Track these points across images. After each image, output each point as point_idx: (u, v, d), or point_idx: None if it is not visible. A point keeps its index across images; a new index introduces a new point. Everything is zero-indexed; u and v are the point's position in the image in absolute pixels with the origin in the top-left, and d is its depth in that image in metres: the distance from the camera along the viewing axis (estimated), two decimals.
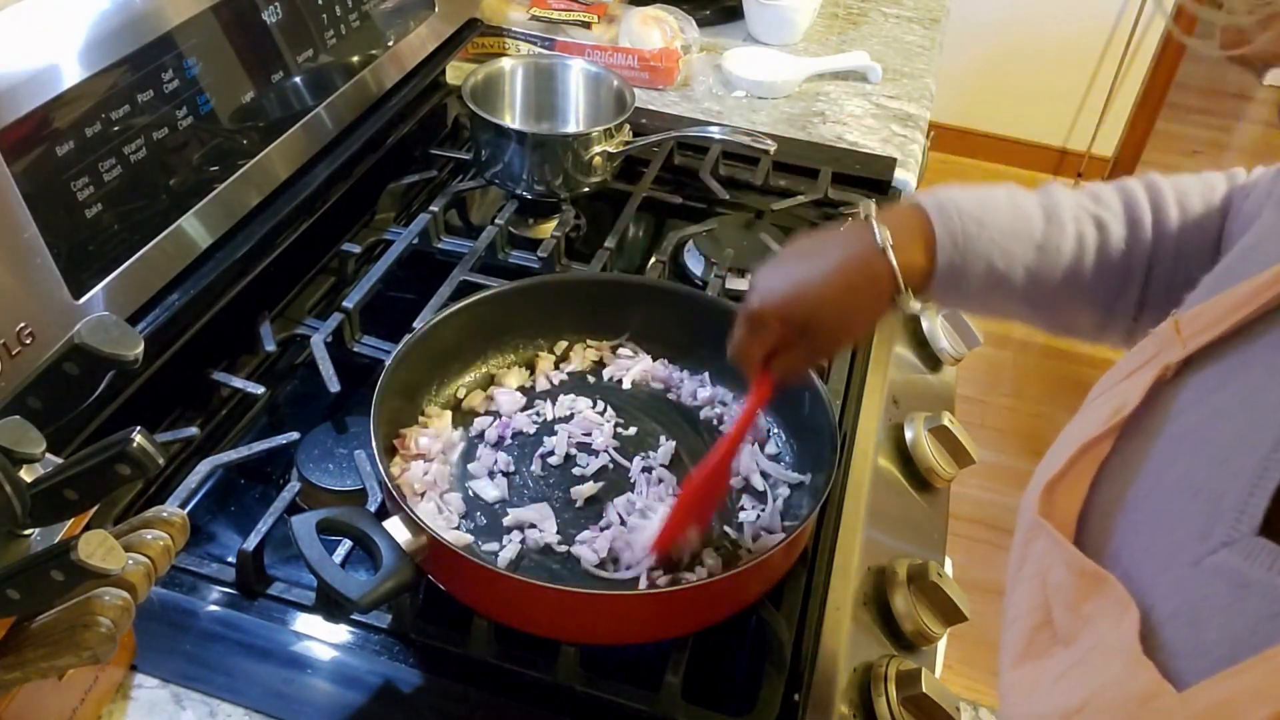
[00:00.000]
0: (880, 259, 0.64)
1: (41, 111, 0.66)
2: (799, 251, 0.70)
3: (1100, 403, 0.50)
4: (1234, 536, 0.40)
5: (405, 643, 0.71)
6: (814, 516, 0.71)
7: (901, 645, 0.78)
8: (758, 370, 0.71)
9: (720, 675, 0.73)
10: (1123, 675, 0.40)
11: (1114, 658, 0.41)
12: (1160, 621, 0.41)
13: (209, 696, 0.68)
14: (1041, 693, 0.45)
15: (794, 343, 0.68)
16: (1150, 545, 0.44)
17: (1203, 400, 0.46)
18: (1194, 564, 0.41)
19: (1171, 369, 0.48)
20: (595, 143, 1.09)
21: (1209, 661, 0.38)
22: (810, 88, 1.45)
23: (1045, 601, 0.47)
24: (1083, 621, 0.44)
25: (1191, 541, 0.41)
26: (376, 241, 1.07)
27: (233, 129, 0.84)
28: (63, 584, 0.47)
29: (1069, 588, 0.45)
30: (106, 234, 0.72)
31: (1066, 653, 0.45)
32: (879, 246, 0.64)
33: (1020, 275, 0.64)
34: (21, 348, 0.64)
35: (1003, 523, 2.22)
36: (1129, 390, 0.49)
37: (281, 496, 0.77)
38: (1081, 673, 0.43)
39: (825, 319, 0.67)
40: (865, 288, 0.65)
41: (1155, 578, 0.42)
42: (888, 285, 0.64)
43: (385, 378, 0.76)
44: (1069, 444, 0.50)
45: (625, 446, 0.83)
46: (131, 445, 0.47)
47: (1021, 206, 0.64)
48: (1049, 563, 0.47)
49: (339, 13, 0.97)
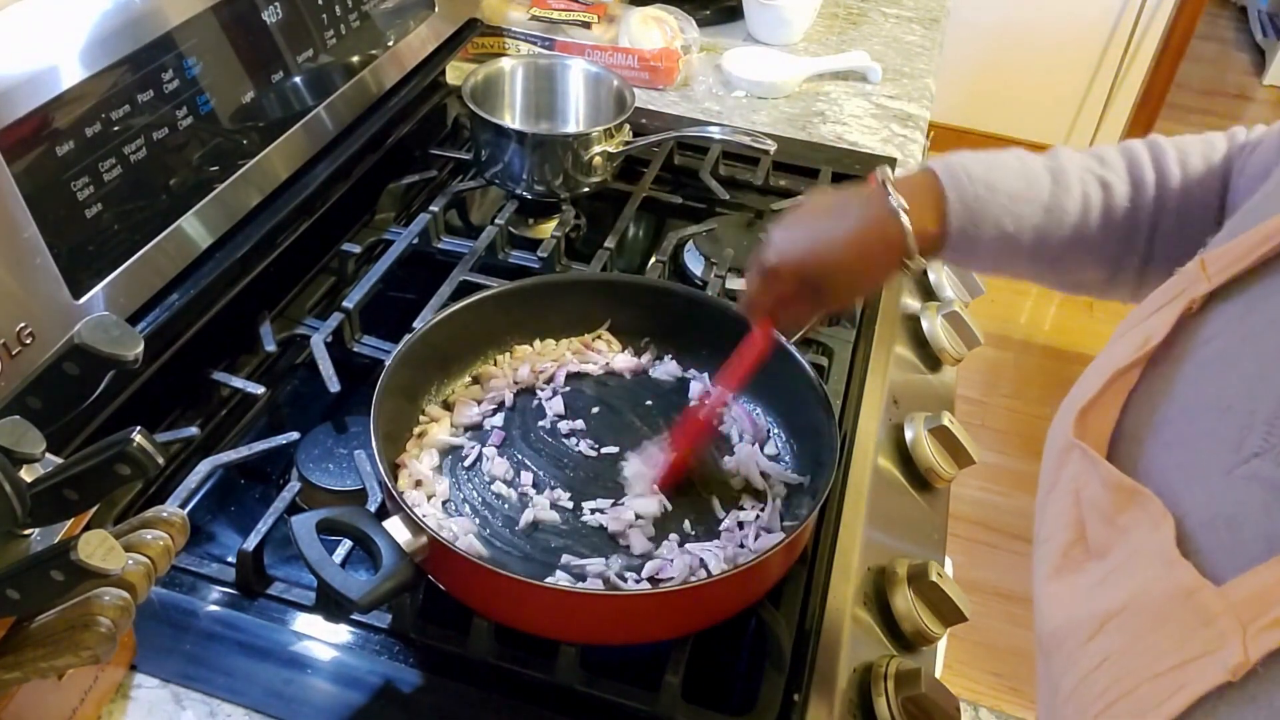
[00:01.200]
0: (894, 222, 0.67)
1: (41, 111, 0.66)
2: (816, 210, 0.73)
3: (1128, 337, 0.53)
4: (1266, 447, 0.42)
5: (405, 643, 0.71)
6: (814, 516, 0.71)
7: (901, 645, 0.78)
8: (764, 320, 0.76)
9: (720, 675, 0.73)
10: (1162, 575, 0.43)
11: (1152, 562, 0.44)
12: (1195, 528, 0.43)
13: (209, 696, 0.68)
14: (1079, 600, 0.47)
15: (803, 296, 0.72)
16: (1181, 460, 0.46)
17: (1230, 327, 0.49)
18: (1226, 474, 0.43)
19: (1198, 303, 0.50)
20: (595, 143, 1.09)
21: (1246, 559, 0.40)
22: (810, 88, 1.45)
23: (1079, 518, 0.49)
24: (1118, 533, 0.46)
25: (1224, 453, 0.44)
26: (376, 241, 1.07)
27: (233, 129, 0.84)
28: (63, 584, 0.47)
29: (1105, 502, 0.48)
30: (106, 234, 0.72)
31: (1101, 564, 0.47)
32: (893, 211, 0.67)
33: (1029, 236, 0.66)
34: (21, 348, 0.64)
35: (1002, 524, 2.22)
36: (1156, 323, 0.51)
37: (281, 496, 0.77)
38: (1119, 578, 0.45)
39: (838, 277, 0.71)
40: (879, 249, 0.68)
41: (1187, 489, 0.45)
42: (900, 247, 0.67)
43: (385, 378, 0.76)
44: (1099, 374, 0.52)
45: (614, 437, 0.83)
46: (131, 445, 0.47)
47: (1030, 170, 0.67)
48: (1084, 481, 0.50)
49: (339, 13, 0.97)
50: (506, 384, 0.87)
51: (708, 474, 0.81)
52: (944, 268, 1.09)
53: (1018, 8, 3.02)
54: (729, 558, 0.74)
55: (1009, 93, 3.20)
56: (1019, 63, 3.11)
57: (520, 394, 0.87)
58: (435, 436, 0.81)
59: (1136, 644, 0.42)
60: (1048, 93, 3.16)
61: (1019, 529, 2.21)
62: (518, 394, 0.87)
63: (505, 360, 0.89)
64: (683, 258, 1.08)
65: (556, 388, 0.88)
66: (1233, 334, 0.48)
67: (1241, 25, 4.32)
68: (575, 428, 0.84)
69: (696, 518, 0.78)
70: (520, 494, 0.78)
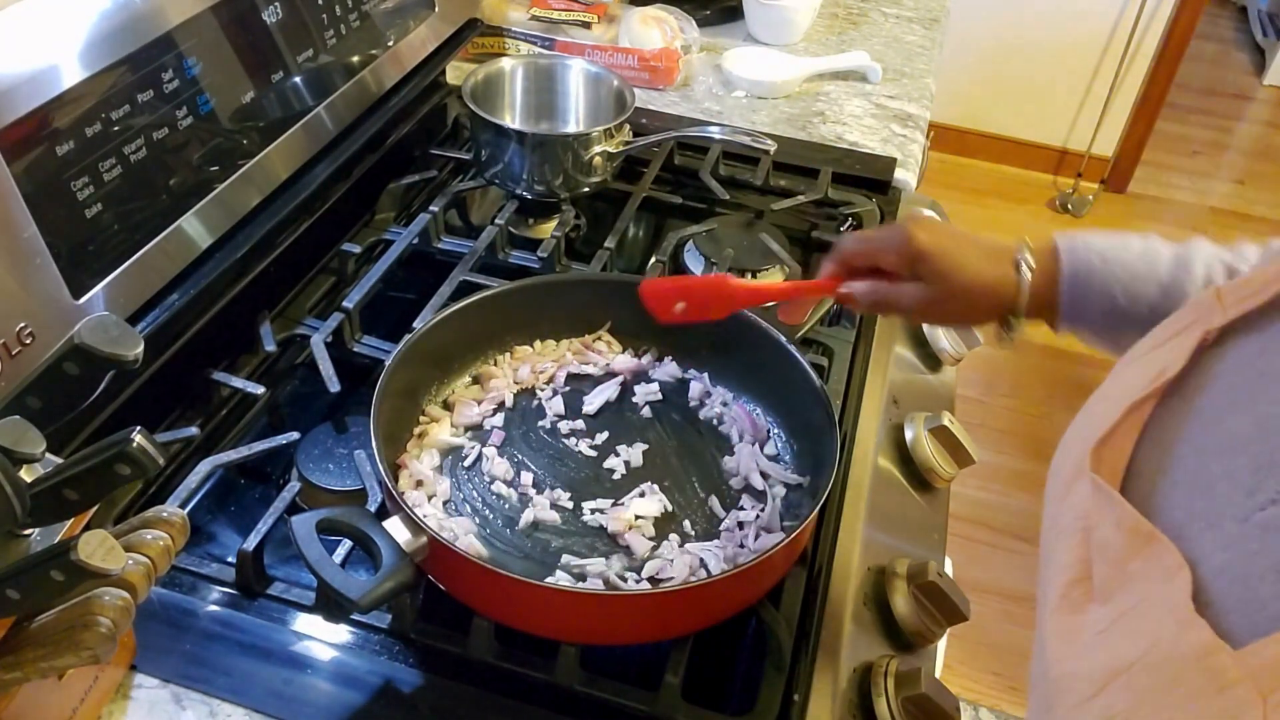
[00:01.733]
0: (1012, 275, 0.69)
1: (41, 111, 0.66)
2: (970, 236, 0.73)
3: (1140, 366, 0.52)
4: None
5: (405, 643, 0.71)
6: (814, 516, 0.71)
7: (901, 645, 0.78)
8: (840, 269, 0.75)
9: (720, 675, 0.73)
10: (1174, 633, 0.40)
11: (1163, 616, 0.41)
12: (1207, 578, 0.41)
13: (209, 696, 0.68)
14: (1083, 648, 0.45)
15: (896, 280, 0.72)
16: (1194, 502, 0.45)
17: (1245, 364, 0.48)
18: (1241, 520, 0.41)
19: (1213, 334, 0.49)
20: (595, 143, 1.09)
21: (1264, 617, 0.38)
22: (810, 88, 1.45)
23: (1085, 557, 0.48)
24: (1126, 578, 0.44)
25: (1238, 498, 0.42)
26: (376, 241, 1.07)
27: (233, 129, 0.84)
28: (63, 584, 0.47)
29: (1116, 544, 0.46)
30: (106, 234, 0.72)
31: (1104, 610, 0.45)
32: (1018, 261, 0.69)
33: (1144, 313, 0.66)
34: (21, 348, 0.64)
35: (1002, 524, 2.22)
36: (1171, 354, 0.50)
37: (281, 496, 0.77)
38: (1125, 630, 0.43)
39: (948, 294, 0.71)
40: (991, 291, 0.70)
41: (1200, 534, 0.43)
42: (1009, 296, 0.69)
43: (385, 378, 0.76)
44: (1113, 404, 0.51)
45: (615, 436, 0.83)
46: (131, 445, 0.47)
47: (1153, 250, 0.68)
48: (1095, 519, 0.48)
49: (339, 13, 0.97)
50: (506, 384, 0.87)
51: (708, 474, 0.81)
52: None
53: (1018, 8, 3.02)
54: (729, 558, 0.74)
55: (1009, 93, 3.20)
56: (1019, 63, 3.11)
57: (520, 394, 0.87)
58: (435, 437, 0.81)
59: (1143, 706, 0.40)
60: (1048, 93, 3.16)
61: (1019, 529, 2.21)
62: (518, 394, 0.87)
63: (505, 360, 0.89)
64: (683, 258, 1.08)
65: (557, 388, 0.88)
66: (1248, 371, 0.47)
67: (1241, 25, 4.32)
68: (575, 428, 0.84)
69: (696, 518, 0.78)
70: (520, 494, 0.78)
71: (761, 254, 1.06)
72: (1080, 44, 3.04)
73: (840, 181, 1.20)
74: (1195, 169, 3.46)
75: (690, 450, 0.84)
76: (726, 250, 1.06)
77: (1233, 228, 3.18)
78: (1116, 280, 0.67)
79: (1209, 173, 3.44)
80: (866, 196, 1.19)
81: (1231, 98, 3.86)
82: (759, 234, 1.09)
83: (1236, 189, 3.37)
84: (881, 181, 1.22)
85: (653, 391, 0.87)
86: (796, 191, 1.18)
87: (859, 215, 1.16)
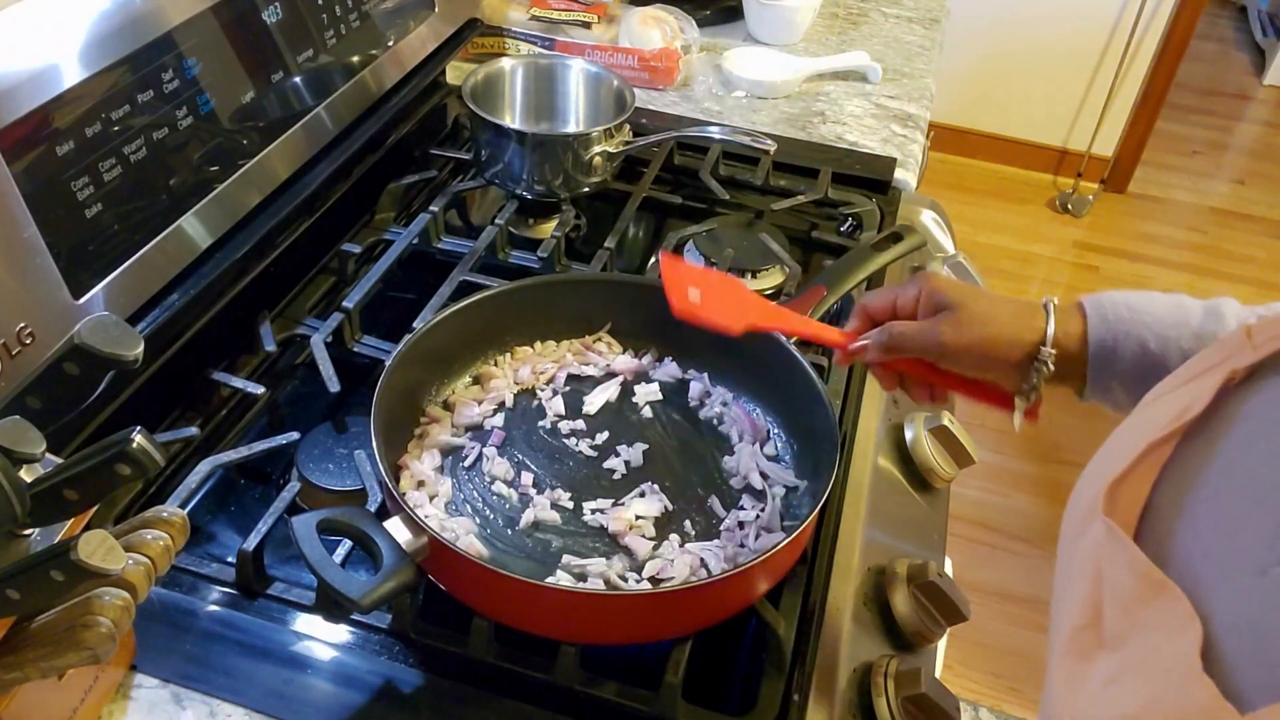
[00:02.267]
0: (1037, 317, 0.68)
1: (41, 111, 0.66)
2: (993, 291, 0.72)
3: (1163, 404, 0.50)
4: None
5: (405, 643, 0.71)
6: (814, 516, 0.71)
7: (901, 645, 0.78)
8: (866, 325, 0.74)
9: (720, 675, 0.73)
10: (1180, 690, 0.39)
11: (1171, 671, 0.40)
12: (1220, 632, 0.39)
13: (209, 696, 0.68)
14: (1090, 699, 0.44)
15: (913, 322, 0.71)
16: (1211, 551, 0.43)
17: (1272, 407, 0.46)
18: (1260, 573, 0.40)
19: (1240, 374, 0.47)
20: (595, 143, 1.09)
21: (1274, 679, 0.37)
22: (810, 88, 1.45)
23: (1097, 601, 0.46)
24: (1135, 626, 0.43)
25: (1257, 549, 0.40)
26: (376, 241, 1.07)
27: (233, 129, 0.84)
28: (63, 584, 0.47)
29: (1128, 589, 0.44)
30: (106, 234, 0.72)
31: (1112, 657, 0.43)
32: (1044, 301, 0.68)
33: (1176, 361, 0.64)
34: (21, 348, 0.64)
35: (1002, 524, 2.22)
36: (1195, 392, 0.48)
37: (281, 496, 0.77)
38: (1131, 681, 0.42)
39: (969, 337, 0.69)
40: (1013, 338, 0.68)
41: (1216, 585, 0.41)
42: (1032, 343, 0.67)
43: (385, 378, 0.76)
44: (1130, 443, 0.49)
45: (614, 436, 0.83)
46: (131, 445, 0.47)
47: (1182, 302, 0.67)
48: (1108, 563, 0.46)
49: (339, 13, 0.97)
50: (507, 384, 0.87)
51: (708, 474, 0.81)
52: None
53: (1018, 8, 3.02)
54: (729, 558, 0.74)
55: (1009, 93, 3.20)
56: (1019, 63, 3.11)
57: (520, 394, 0.87)
58: (436, 437, 0.81)
59: None
60: (1048, 93, 3.16)
61: (1019, 529, 2.21)
62: (518, 394, 0.87)
63: (505, 361, 0.89)
64: (683, 258, 1.08)
65: (557, 388, 0.88)
66: (1275, 412, 0.45)
67: (1241, 25, 4.32)
68: (576, 428, 0.84)
69: (697, 518, 0.78)
70: (521, 494, 0.78)
71: (761, 254, 1.06)
72: (1080, 44, 3.04)
73: (840, 181, 1.20)
74: (1195, 169, 3.45)
75: (690, 450, 0.84)
76: (726, 250, 1.06)
77: (1233, 228, 3.18)
78: (1146, 327, 0.65)
79: (1209, 173, 3.44)
80: (866, 196, 1.19)
81: (1231, 98, 3.86)
82: (759, 234, 1.09)
83: (1236, 189, 3.37)
84: (881, 181, 1.22)
85: (653, 392, 0.87)
86: (796, 191, 1.18)
87: (859, 215, 1.16)
